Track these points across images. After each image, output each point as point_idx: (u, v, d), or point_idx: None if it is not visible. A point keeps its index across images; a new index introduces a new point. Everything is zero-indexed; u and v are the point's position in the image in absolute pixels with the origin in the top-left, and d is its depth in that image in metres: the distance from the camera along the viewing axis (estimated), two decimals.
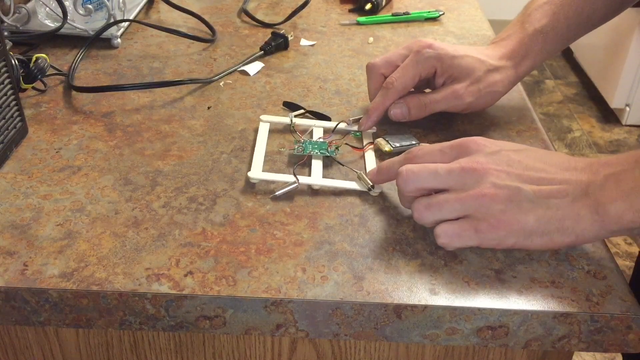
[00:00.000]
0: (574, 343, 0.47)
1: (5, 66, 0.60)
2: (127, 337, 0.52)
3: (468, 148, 0.50)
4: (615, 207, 0.46)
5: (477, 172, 0.48)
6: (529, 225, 0.47)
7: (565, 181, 0.48)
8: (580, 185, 0.47)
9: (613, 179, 0.47)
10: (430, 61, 0.64)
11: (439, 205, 0.48)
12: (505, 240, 0.48)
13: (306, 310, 0.47)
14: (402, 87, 0.64)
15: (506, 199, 0.47)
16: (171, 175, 0.59)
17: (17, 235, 0.51)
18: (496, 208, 0.47)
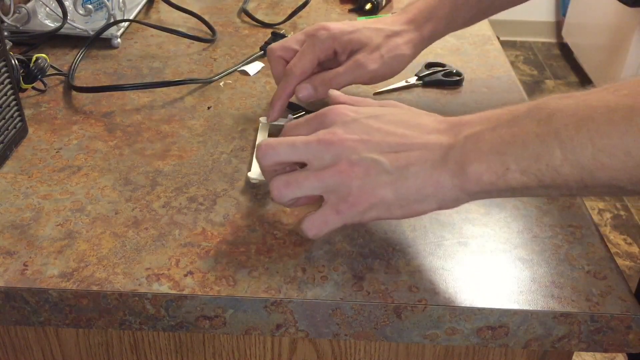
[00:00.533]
0: (574, 343, 0.47)
1: (5, 66, 0.60)
2: (127, 337, 0.52)
3: (327, 118, 0.49)
4: (473, 168, 0.44)
5: (333, 146, 0.47)
6: (387, 198, 0.46)
7: (424, 145, 0.46)
8: (441, 149, 0.46)
9: (472, 139, 0.45)
10: (327, 42, 0.64)
11: (298, 183, 0.47)
12: (365, 215, 0.47)
13: (306, 310, 0.47)
14: (300, 71, 0.64)
15: (363, 174, 0.46)
16: (171, 175, 0.59)
17: (17, 235, 0.51)
18: (354, 185, 0.46)
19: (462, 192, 0.45)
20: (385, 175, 0.46)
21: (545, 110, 0.43)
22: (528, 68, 2.96)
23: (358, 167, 0.46)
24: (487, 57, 0.83)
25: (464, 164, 0.45)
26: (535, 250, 0.51)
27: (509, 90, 0.75)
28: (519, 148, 0.43)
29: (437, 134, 0.47)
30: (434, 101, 0.73)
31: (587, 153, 0.41)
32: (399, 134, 0.47)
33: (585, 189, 0.42)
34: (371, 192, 0.46)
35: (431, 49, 0.84)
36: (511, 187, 0.44)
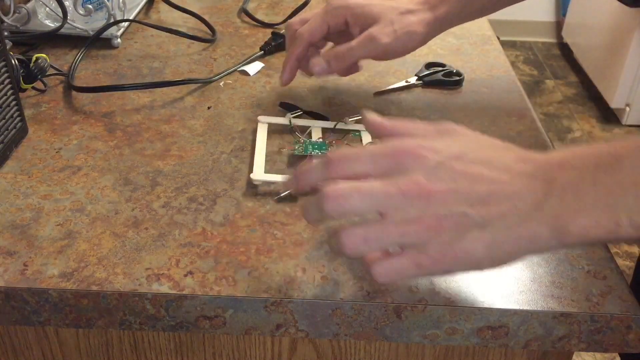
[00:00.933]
0: (574, 343, 0.47)
1: (5, 66, 0.60)
2: (127, 337, 0.52)
3: (404, 161, 0.42)
4: (578, 224, 0.40)
5: (419, 199, 0.40)
6: (477, 254, 0.41)
7: (516, 194, 0.41)
8: (534, 200, 0.41)
9: (572, 189, 0.40)
10: (339, 10, 0.64)
11: (378, 239, 0.41)
12: (451, 271, 0.43)
13: (306, 310, 0.47)
14: (308, 34, 0.64)
15: (452, 229, 0.40)
16: (171, 175, 0.59)
17: (17, 235, 0.51)
18: (440, 240, 0.41)
19: (559, 244, 0.41)
20: (476, 230, 0.40)
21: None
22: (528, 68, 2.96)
23: (447, 222, 0.40)
24: (487, 57, 0.83)
25: (566, 218, 0.40)
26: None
27: (509, 90, 0.75)
28: (631, 200, 0.39)
29: (528, 179, 0.41)
30: (434, 101, 0.73)
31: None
32: (487, 180, 0.41)
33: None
34: (460, 248, 0.41)
35: (431, 49, 0.84)
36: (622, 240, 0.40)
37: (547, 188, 0.41)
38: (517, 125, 0.68)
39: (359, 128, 0.66)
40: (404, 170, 0.41)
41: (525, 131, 0.67)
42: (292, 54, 0.66)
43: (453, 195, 0.41)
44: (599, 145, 0.42)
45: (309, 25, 0.66)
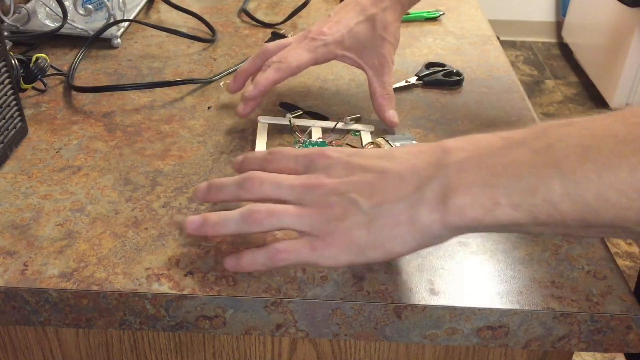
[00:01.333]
0: (574, 343, 0.47)
1: (5, 66, 0.60)
2: (127, 337, 0.52)
3: (314, 162, 0.48)
4: (455, 202, 0.40)
5: (314, 189, 0.46)
6: (361, 240, 0.43)
7: (400, 176, 0.43)
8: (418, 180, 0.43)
9: (455, 168, 0.41)
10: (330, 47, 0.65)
11: (279, 215, 0.45)
12: (340, 259, 0.44)
13: (306, 310, 0.47)
14: (296, 65, 0.64)
15: (341, 214, 0.44)
16: (171, 175, 0.59)
17: (17, 235, 0.51)
18: (331, 225, 0.44)
19: (443, 228, 0.42)
20: (361, 215, 0.43)
21: (544, 139, 0.40)
22: (528, 68, 2.96)
23: (336, 207, 0.44)
24: (487, 57, 0.83)
25: (445, 196, 0.41)
26: (535, 250, 0.51)
27: (509, 90, 0.75)
28: (511, 180, 0.39)
29: (415, 166, 0.44)
30: (434, 101, 0.73)
31: (591, 188, 0.37)
32: (377, 170, 0.45)
33: (586, 228, 0.39)
34: (347, 233, 0.44)
35: (431, 49, 0.85)
36: (500, 223, 0.40)
37: (433, 171, 0.42)
38: (517, 125, 0.68)
39: (358, 128, 0.66)
40: (313, 168, 0.48)
41: None
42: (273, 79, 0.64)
43: (344, 185, 0.45)
44: (498, 132, 0.43)
45: (297, 55, 0.65)
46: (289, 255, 0.45)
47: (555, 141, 0.39)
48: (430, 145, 0.45)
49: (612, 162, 0.36)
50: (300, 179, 0.47)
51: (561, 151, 0.38)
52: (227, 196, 0.49)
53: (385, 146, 0.62)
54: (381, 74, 0.67)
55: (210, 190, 0.50)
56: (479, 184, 0.40)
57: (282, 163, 0.50)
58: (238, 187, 0.48)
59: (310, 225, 0.45)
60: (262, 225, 0.46)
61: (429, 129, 0.67)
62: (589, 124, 0.39)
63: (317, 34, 0.66)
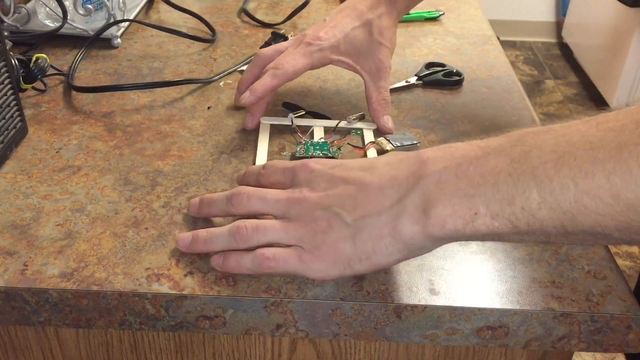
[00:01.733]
0: (574, 343, 0.47)
1: (5, 66, 0.60)
2: (127, 337, 0.52)
3: (298, 175, 0.49)
4: (435, 213, 0.41)
5: (298, 203, 0.46)
6: (346, 253, 0.44)
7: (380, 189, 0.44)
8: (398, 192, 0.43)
9: (434, 179, 0.42)
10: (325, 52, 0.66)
11: (266, 229, 0.46)
12: (327, 272, 0.45)
13: (306, 310, 0.47)
14: (292, 71, 0.64)
15: (326, 228, 0.45)
16: (171, 175, 0.59)
17: (17, 235, 0.51)
18: (318, 238, 0.45)
19: (426, 239, 0.42)
20: (345, 228, 0.44)
21: (520, 147, 0.40)
22: (528, 68, 2.96)
23: (321, 221, 0.45)
24: (487, 57, 0.83)
25: (426, 208, 0.41)
26: (535, 250, 0.51)
27: (509, 90, 0.75)
28: (489, 189, 0.39)
29: (395, 178, 0.44)
30: (434, 101, 0.73)
31: (568, 195, 0.37)
32: (358, 183, 0.45)
33: (566, 235, 0.39)
34: (333, 246, 0.44)
35: (431, 49, 0.85)
36: (480, 232, 0.40)
37: (412, 182, 0.43)
38: (517, 125, 0.68)
39: (361, 126, 0.66)
40: (297, 181, 0.48)
41: None
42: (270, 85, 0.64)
43: (327, 199, 0.46)
44: (475, 141, 0.43)
45: (294, 61, 0.64)
46: (276, 264, 0.46)
47: (531, 148, 0.39)
48: (408, 155, 0.45)
49: (587, 169, 0.36)
50: (285, 193, 0.48)
51: (537, 159, 0.38)
52: (217, 212, 0.51)
53: (387, 146, 0.62)
54: (377, 78, 0.67)
55: (201, 205, 0.52)
56: (458, 195, 0.40)
57: (273, 177, 0.51)
58: (227, 202, 0.49)
59: (296, 239, 0.46)
60: (250, 241, 0.47)
61: (429, 129, 0.67)
62: (564, 130, 0.39)
63: (312, 38, 0.66)
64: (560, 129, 0.39)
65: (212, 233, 0.48)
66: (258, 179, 0.52)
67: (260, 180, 0.52)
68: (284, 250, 0.46)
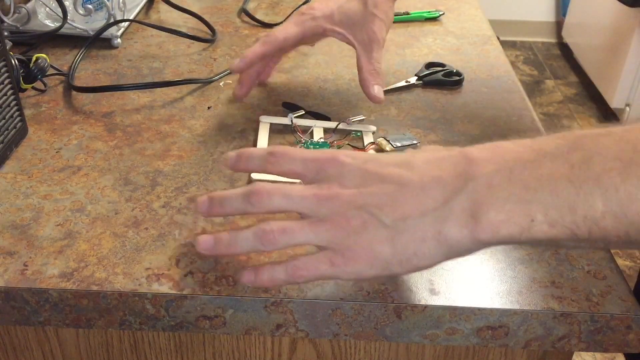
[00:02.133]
0: (574, 343, 0.47)
1: (5, 66, 0.60)
2: (127, 337, 0.52)
3: (325, 168, 0.45)
4: (489, 218, 0.39)
5: (329, 201, 0.43)
6: (384, 255, 0.41)
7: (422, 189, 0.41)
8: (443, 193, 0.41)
9: (484, 183, 0.40)
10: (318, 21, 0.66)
11: (293, 232, 0.43)
12: (363, 273, 0.42)
13: (306, 310, 0.47)
14: (282, 37, 0.65)
15: (361, 228, 0.42)
16: (171, 175, 0.59)
17: (17, 235, 0.51)
18: (351, 239, 0.42)
19: (473, 243, 0.40)
20: (383, 229, 0.41)
21: (580, 152, 0.38)
22: (528, 68, 2.96)
23: (355, 221, 0.42)
24: (487, 57, 0.83)
25: (476, 212, 0.39)
26: (535, 250, 0.51)
27: (509, 90, 0.75)
28: (547, 196, 0.37)
29: (439, 177, 0.41)
30: (434, 101, 0.73)
31: (636, 205, 0.35)
32: (396, 180, 0.42)
33: (628, 244, 0.37)
34: (368, 248, 0.42)
35: (431, 49, 0.85)
36: (536, 239, 0.38)
37: (459, 184, 0.40)
38: (517, 125, 0.68)
39: (360, 128, 0.66)
40: (325, 176, 0.44)
41: (525, 131, 0.67)
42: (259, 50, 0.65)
43: (361, 197, 0.42)
44: (523, 140, 0.41)
45: (284, 28, 0.65)
46: (309, 272, 0.43)
47: (593, 154, 0.37)
48: (451, 153, 0.43)
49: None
50: (312, 189, 0.44)
51: (600, 165, 0.37)
52: (233, 210, 0.46)
53: (386, 146, 0.62)
54: (370, 49, 0.65)
55: (212, 204, 0.47)
56: (513, 200, 0.38)
57: (287, 166, 0.46)
58: (244, 200, 0.45)
59: (327, 240, 0.43)
60: (277, 244, 0.44)
61: (429, 129, 0.67)
62: (627, 135, 0.37)
63: (306, 9, 0.66)
64: (622, 132, 0.38)
65: (235, 236, 0.45)
66: (263, 166, 0.47)
67: (268, 168, 0.47)
68: (314, 257, 0.43)
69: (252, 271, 0.45)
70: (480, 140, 0.65)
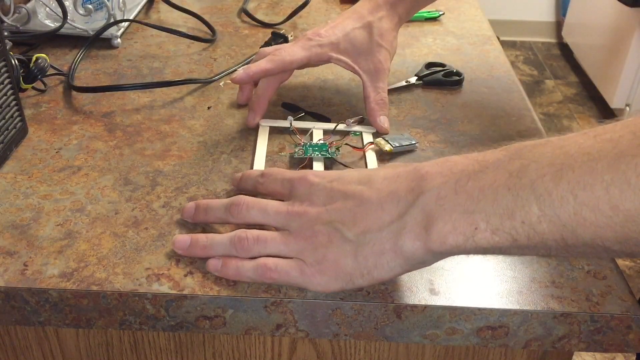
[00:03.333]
0: (574, 343, 0.47)
1: (5, 66, 0.60)
2: (127, 337, 0.52)
3: (297, 188, 0.49)
4: (436, 229, 0.41)
5: (299, 217, 0.47)
6: (348, 268, 0.44)
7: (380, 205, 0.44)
8: (397, 208, 0.43)
9: (433, 196, 0.42)
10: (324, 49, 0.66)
11: (266, 241, 0.47)
12: (329, 286, 0.45)
13: (306, 310, 0.47)
14: (289, 60, 0.65)
15: (327, 242, 0.45)
16: (171, 175, 0.59)
17: (17, 235, 0.51)
18: (316, 252, 0.45)
19: (426, 254, 0.42)
20: (346, 243, 0.44)
21: (518, 161, 0.40)
22: (528, 68, 2.96)
23: (322, 235, 0.45)
24: (487, 57, 0.83)
25: (427, 225, 0.41)
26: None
27: (509, 90, 0.75)
28: (489, 204, 0.39)
29: (394, 193, 0.44)
30: (434, 101, 0.73)
31: (568, 208, 0.37)
32: (357, 197, 0.45)
33: (566, 248, 0.38)
34: (333, 261, 0.45)
35: (431, 49, 0.85)
36: (481, 247, 0.40)
37: (412, 198, 0.43)
38: (517, 125, 0.68)
39: (360, 129, 0.66)
40: (297, 194, 0.49)
41: (525, 131, 0.67)
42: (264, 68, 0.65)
43: (327, 213, 0.46)
44: (471, 154, 0.43)
45: (292, 51, 0.66)
46: (278, 275, 0.46)
47: (529, 162, 0.39)
48: (406, 168, 0.45)
49: (586, 180, 0.36)
50: (285, 205, 0.48)
51: (535, 172, 0.38)
52: (215, 219, 0.51)
53: (385, 146, 0.62)
54: (376, 79, 0.67)
55: (197, 211, 0.52)
56: (458, 210, 0.40)
57: (271, 186, 0.51)
58: (225, 211, 0.50)
59: (297, 252, 0.46)
60: (250, 251, 0.47)
61: (429, 129, 0.67)
62: (562, 142, 0.39)
63: (313, 35, 0.67)
64: (558, 141, 0.39)
65: (212, 239, 0.49)
66: (256, 186, 0.53)
67: (258, 188, 0.52)
68: (285, 262, 0.46)
69: (219, 260, 0.48)
70: (480, 140, 0.65)
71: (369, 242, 0.44)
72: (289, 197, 0.49)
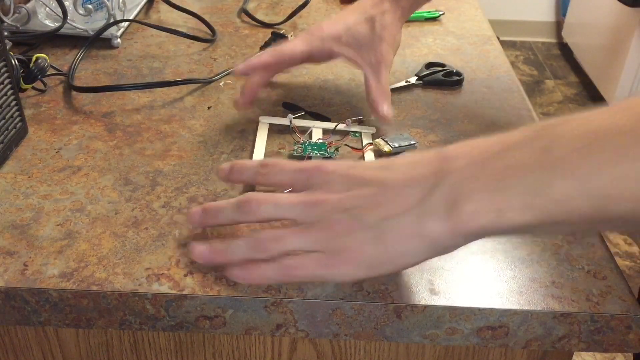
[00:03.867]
0: (574, 343, 0.47)
1: (5, 66, 0.60)
2: (127, 337, 0.52)
3: (312, 178, 0.47)
4: (466, 210, 0.40)
5: (315, 207, 0.45)
6: (370, 255, 0.43)
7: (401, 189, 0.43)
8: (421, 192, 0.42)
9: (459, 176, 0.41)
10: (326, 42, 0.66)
11: (285, 239, 0.45)
12: (353, 275, 0.44)
13: (306, 310, 0.47)
14: (289, 52, 0.65)
15: (347, 231, 0.43)
16: (171, 175, 0.59)
17: (17, 235, 0.51)
18: (339, 242, 0.43)
19: (454, 237, 0.41)
20: (368, 230, 0.43)
21: (544, 138, 0.39)
22: (528, 68, 2.96)
23: (341, 224, 0.43)
24: (487, 57, 0.83)
25: (453, 205, 0.40)
26: (535, 250, 0.51)
27: (509, 90, 0.75)
28: (518, 182, 0.39)
29: (417, 177, 0.43)
30: (434, 101, 0.73)
31: (597, 183, 0.37)
32: (377, 182, 0.44)
33: (598, 222, 0.38)
34: (355, 250, 0.43)
35: (431, 49, 0.85)
36: (512, 226, 0.39)
37: (435, 181, 0.42)
38: (517, 125, 0.68)
39: (359, 129, 0.66)
40: (312, 184, 0.46)
41: None
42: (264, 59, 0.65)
43: (346, 201, 0.44)
44: (495, 135, 0.42)
45: (292, 44, 0.66)
46: (301, 272, 0.45)
47: (556, 138, 0.39)
48: (428, 153, 0.44)
49: (613, 155, 0.36)
50: (299, 196, 0.46)
51: (564, 147, 0.38)
52: (225, 220, 0.49)
53: (384, 147, 0.62)
54: (378, 71, 0.66)
55: (206, 215, 0.49)
56: (487, 189, 0.40)
57: (276, 178, 0.49)
58: (236, 210, 0.47)
59: (317, 244, 0.44)
60: (270, 251, 0.45)
61: (429, 129, 0.67)
62: (586, 119, 0.39)
63: (315, 29, 0.67)
64: (582, 118, 0.39)
65: (229, 244, 0.47)
66: (255, 178, 0.50)
67: (258, 179, 0.49)
68: (306, 257, 0.45)
69: (241, 268, 0.46)
70: None
71: (392, 228, 0.42)
72: (302, 189, 0.47)
